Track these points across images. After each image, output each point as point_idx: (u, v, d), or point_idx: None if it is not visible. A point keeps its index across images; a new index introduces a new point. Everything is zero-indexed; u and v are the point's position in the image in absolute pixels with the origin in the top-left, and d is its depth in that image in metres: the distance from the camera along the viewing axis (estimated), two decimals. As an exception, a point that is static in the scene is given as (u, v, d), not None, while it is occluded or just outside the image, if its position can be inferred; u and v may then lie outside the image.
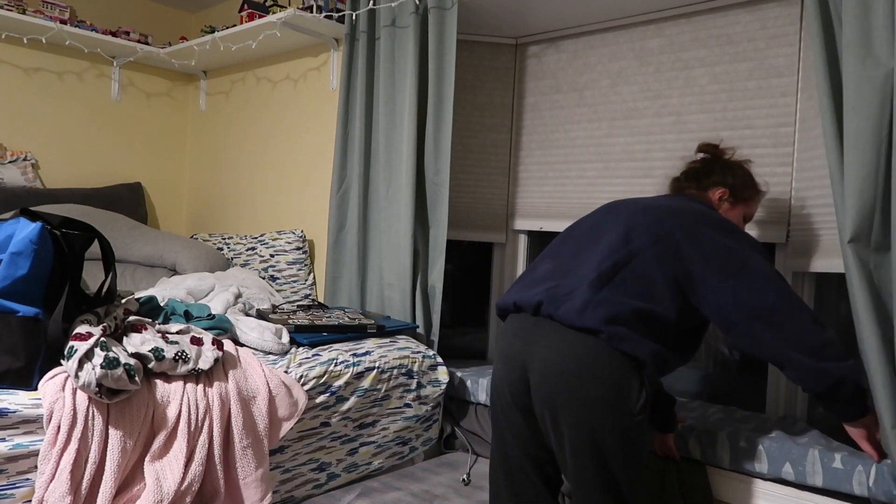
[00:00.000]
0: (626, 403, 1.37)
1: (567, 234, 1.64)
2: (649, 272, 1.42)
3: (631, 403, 1.37)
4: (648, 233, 1.46)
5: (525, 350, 1.47)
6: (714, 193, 1.69)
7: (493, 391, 1.59)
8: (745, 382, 2.19)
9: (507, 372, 1.51)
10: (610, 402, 1.36)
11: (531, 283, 1.55)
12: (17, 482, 1.36)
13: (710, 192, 1.70)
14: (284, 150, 3.12)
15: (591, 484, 1.39)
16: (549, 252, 1.63)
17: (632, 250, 1.45)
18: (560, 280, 1.48)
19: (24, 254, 1.46)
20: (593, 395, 1.36)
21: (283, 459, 1.81)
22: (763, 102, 2.09)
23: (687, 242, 1.43)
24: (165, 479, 1.46)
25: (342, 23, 2.64)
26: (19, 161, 2.99)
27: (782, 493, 1.70)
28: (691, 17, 2.24)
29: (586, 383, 1.37)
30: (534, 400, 1.45)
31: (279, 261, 2.86)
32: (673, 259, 1.43)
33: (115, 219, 2.92)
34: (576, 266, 1.49)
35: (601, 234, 1.53)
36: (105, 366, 1.38)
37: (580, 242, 1.56)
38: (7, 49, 3.00)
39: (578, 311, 1.39)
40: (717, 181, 1.70)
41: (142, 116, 3.48)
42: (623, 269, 1.43)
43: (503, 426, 1.55)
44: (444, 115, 2.35)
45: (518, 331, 1.51)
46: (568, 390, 1.38)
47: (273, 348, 1.89)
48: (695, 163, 1.78)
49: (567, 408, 1.38)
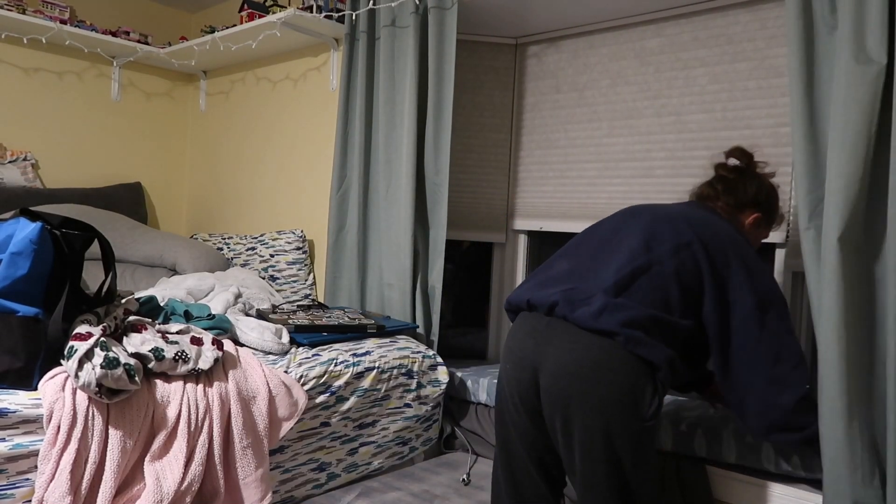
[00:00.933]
0: (640, 408, 1.36)
1: (586, 235, 1.62)
2: (667, 282, 1.42)
3: (644, 408, 1.37)
4: (670, 243, 1.45)
5: (537, 350, 1.44)
6: (747, 217, 1.65)
7: (499, 390, 1.56)
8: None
9: (516, 372, 1.48)
10: (624, 405, 1.35)
11: (546, 281, 1.53)
12: (17, 482, 1.36)
13: (742, 214, 1.65)
14: (284, 150, 3.12)
15: (599, 486, 1.38)
16: (566, 251, 1.61)
17: (652, 258, 1.44)
18: (577, 283, 1.47)
19: (24, 254, 1.46)
20: (607, 397, 1.35)
21: (283, 459, 1.81)
22: (763, 102, 2.09)
23: (707, 264, 1.44)
24: (165, 479, 1.46)
25: (342, 23, 2.64)
26: (19, 161, 2.99)
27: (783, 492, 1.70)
28: (691, 17, 2.24)
29: (601, 385, 1.36)
30: (543, 402, 1.43)
31: (279, 261, 2.86)
32: (692, 272, 1.43)
33: (115, 219, 2.92)
34: (594, 269, 1.48)
35: (621, 239, 1.51)
36: (105, 366, 1.38)
37: (600, 245, 1.54)
38: (7, 49, 3.00)
39: (595, 315, 1.38)
40: (753, 202, 1.65)
41: (142, 116, 3.48)
42: (641, 276, 1.43)
43: (508, 426, 1.53)
44: (444, 114, 2.35)
45: (531, 330, 1.48)
46: (581, 392, 1.37)
47: (273, 348, 1.89)
48: (729, 173, 1.69)
49: (580, 409, 1.37)
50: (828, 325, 1.48)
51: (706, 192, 1.70)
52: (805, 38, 1.57)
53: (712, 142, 2.18)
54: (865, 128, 1.45)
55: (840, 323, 1.47)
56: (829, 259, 1.48)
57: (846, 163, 1.46)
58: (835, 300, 1.47)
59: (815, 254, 1.55)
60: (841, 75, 1.48)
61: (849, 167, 1.46)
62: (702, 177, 2.20)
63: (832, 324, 1.47)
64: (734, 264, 1.46)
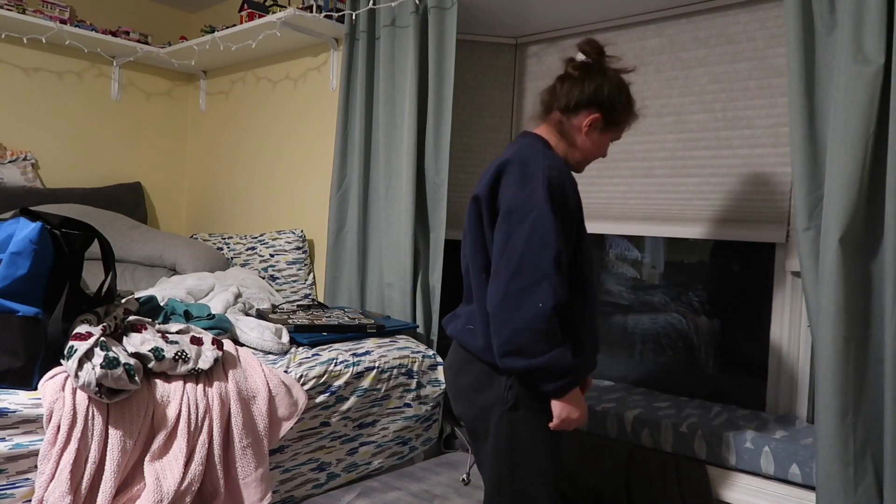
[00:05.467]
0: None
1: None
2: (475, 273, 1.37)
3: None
4: (467, 237, 1.40)
5: None
6: (583, 119, 1.38)
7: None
8: (745, 382, 2.19)
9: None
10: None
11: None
12: (17, 482, 1.36)
13: (577, 118, 1.39)
14: (284, 149, 3.12)
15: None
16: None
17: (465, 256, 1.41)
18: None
19: (24, 254, 1.46)
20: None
21: (283, 459, 1.81)
22: (763, 102, 2.09)
23: (488, 217, 1.35)
24: (165, 478, 1.46)
25: (342, 22, 2.64)
26: (19, 161, 2.99)
27: (783, 492, 1.70)
28: (691, 17, 2.24)
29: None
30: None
31: (279, 261, 2.86)
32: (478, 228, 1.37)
33: (115, 219, 2.92)
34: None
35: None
36: (105, 365, 1.38)
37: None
38: (7, 49, 2.99)
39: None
40: (589, 102, 1.37)
41: (142, 116, 3.48)
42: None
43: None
44: (444, 114, 2.35)
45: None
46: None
47: (273, 348, 1.89)
48: (575, 69, 1.41)
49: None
50: (825, 324, 1.49)
51: (545, 98, 1.46)
52: (804, 38, 1.57)
53: (712, 142, 2.18)
54: (864, 128, 1.45)
55: (837, 322, 1.47)
56: (829, 259, 1.48)
57: (845, 163, 1.47)
58: (833, 300, 1.47)
59: (813, 253, 1.55)
60: (840, 75, 1.49)
61: (848, 167, 1.47)
62: (702, 176, 2.21)
63: (829, 323, 1.48)
64: (504, 181, 1.33)
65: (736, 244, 2.23)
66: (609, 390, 2.30)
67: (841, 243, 1.47)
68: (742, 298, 2.24)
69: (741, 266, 2.26)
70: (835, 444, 1.47)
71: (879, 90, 1.45)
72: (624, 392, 2.28)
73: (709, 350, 2.30)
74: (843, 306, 1.47)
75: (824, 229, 1.51)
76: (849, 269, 1.47)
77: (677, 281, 2.40)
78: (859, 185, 1.46)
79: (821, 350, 1.50)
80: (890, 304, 1.42)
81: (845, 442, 1.47)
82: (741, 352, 2.23)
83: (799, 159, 1.57)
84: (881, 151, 1.47)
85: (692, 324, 2.35)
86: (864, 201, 1.48)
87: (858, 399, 1.49)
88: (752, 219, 2.08)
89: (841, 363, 1.47)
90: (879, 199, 1.48)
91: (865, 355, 1.49)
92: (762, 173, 2.07)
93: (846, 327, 1.47)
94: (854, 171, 1.46)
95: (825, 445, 1.49)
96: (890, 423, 1.42)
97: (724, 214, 2.13)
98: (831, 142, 1.50)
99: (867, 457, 1.47)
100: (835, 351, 1.47)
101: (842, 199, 1.47)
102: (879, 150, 1.47)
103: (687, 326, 2.36)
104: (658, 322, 2.42)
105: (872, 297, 1.49)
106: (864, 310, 1.50)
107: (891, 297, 1.42)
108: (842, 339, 1.47)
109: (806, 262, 1.56)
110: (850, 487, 1.46)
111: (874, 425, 1.48)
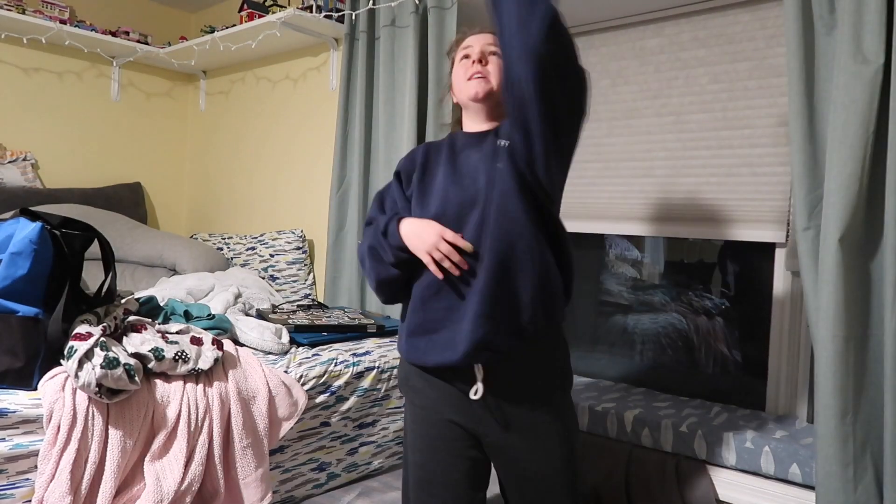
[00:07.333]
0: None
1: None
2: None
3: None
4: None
5: None
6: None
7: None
8: (745, 382, 2.19)
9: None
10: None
11: None
12: (17, 482, 1.36)
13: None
14: (284, 149, 3.12)
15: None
16: None
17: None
18: None
19: (24, 254, 1.46)
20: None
21: (283, 459, 1.81)
22: (763, 102, 2.09)
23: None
24: (165, 478, 1.46)
25: (342, 22, 2.64)
26: (19, 161, 2.99)
27: (783, 492, 1.70)
28: (691, 17, 2.24)
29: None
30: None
31: (279, 261, 2.86)
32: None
33: (115, 219, 2.92)
34: None
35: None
36: (105, 366, 1.38)
37: None
38: (7, 49, 3.00)
39: None
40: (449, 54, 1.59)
41: (141, 116, 3.48)
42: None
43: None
44: (444, 115, 2.35)
45: None
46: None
47: (273, 348, 1.89)
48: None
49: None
50: (825, 324, 1.49)
51: None
52: (804, 38, 1.57)
53: (712, 142, 2.18)
54: (864, 128, 1.46)
55: (837, 322, 1.47)
56: (829, 259, 1.48)
57: (845, 162, 1.47)
58: (832, 299, 1.47)
59: (813, 253, 1.55)
60: (839, 75, 1.49)
61: (848, 167, 1.47)
62: (702, 176, 2.21)
63: (829, 323, 1.48)
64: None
65: (736, 244, 2.23)
66: (609, 390, 2.30)
67: (841, 243, 1.47)
68: (742, 298, 2.24)
69: (741, 266, 2.26)
70: (834, 444, 1.47)
71: (879, 90, 1.45)
72: (624, 392, 2.28)
73: (709, 350, 2.30)
74: (843, 306, 1.47)
75: (824, 229, 1.51)
76: (848, 268, 1.47)
77: (677, 281, 2.40)
78: (859, 184, 1.46)
79: (820, 350, 1.50)
80: (890, 304, 1.42)
81: (845, 442, 1.47)
82: (741, 352, 2.23)
83: (799, 159, 1.57)
84: (881, 151, 1.47)
85: (692, 324, 2.35)
86: (863, 201, 1.48)
87: (858, 399, 1.49)
88: (752, 219, 2.08)
89: (840, 363, 1.47)
90: (879, 199, 1.48)
91: (865, 355, 1.49)
92: (762, 173, 2.07)
93: (846, 327, 1.47)
94: (854, 171, 1.46)
95: (825, 445, 1.49)
96: (890, 423, 1.42)
97: (724, 214, 2.13)
98: (831, 141, 1.50)
99: (867, 457, 1.47)
100: (834, 351, 1.47)
101: (842, 198, 1.47)
102: (879, 149, 1.47)
103: (687, 326, 2.36)
104: (658, 322, 2.42)
105: (872, 297, 1.50)
106: (863, 309, 1.50)
107: (891, 297, 1.42)
108: (841, 339, 1.47)
109: (806, 261, 1.56)
110: (850, 487, 1.47)
111: (874, 425, 1.48)
